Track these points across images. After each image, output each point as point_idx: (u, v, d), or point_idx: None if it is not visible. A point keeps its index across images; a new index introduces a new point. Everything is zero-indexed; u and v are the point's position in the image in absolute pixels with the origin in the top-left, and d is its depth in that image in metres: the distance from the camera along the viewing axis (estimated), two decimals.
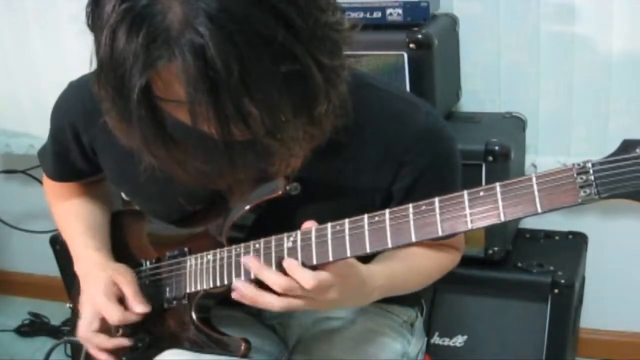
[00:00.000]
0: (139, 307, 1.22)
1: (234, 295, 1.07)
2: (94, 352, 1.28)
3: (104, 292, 1.23)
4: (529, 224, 2.04)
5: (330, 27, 0.90)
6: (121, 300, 1.24)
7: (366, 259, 1.12)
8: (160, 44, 0.83)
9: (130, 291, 1.24)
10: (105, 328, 1.26)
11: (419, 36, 1.68)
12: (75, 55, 2.25)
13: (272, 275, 1.03)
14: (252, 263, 1.05)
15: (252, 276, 1.06)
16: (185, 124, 0.88)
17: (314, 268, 1.02)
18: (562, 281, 1.80)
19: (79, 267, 1.34)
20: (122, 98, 0.87)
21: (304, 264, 1.02)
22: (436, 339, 1.97)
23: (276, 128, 0.88)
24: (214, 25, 0.81)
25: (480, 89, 2.00)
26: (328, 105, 0.92)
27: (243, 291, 1.05)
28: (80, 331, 1.27)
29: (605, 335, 2.21)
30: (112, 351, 1.27)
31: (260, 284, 1.05)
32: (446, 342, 1.97)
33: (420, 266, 1.24)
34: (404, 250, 1.22)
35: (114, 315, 1.21)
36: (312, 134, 0.94)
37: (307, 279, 0.99)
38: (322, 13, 0.89)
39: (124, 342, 1.26)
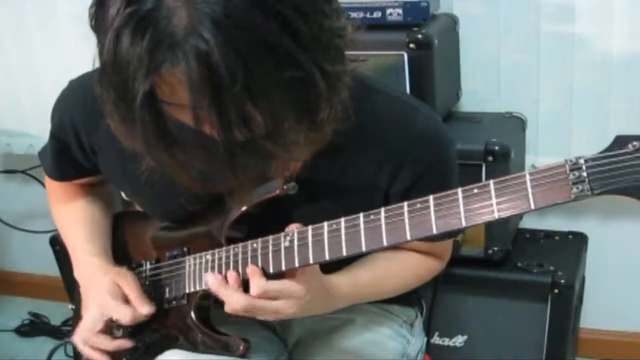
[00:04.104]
0: (144, 308, 1.22)
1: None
2: (91, 354, 1.26)
3: (111, 294, 1.23)
4: (529, 224, 2.04)
5: (334, 33, 0.90)
6: (126, 302, 1.24)
7: (333, 269, 1.15)
8: (164, 49, 0.82)
9: (133, 293, 1.24)
10: (106, 330, 1.26)
11: (419, 36, 1.68)
12: (75, 55, 2.25)
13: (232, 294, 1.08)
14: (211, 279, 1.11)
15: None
16: (187, 126, 0.87)
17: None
18: (562, 281, 1.80)
19: (79, 273, 1.34)
20: (125, 102, 0.86)
21: (300, 264, 1.03)
22: (436, 339, 1.97)
23: (278, 133, 0.88)
24: (218, 31, 0.80)
25: (480, 89, 2.00)
26: (330, 111, 0.91)
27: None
28: (81, 332, 1.26)
29: (605, 335, 2.20)
30: (111, 354, 1.26)
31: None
32: (446, 342, 1.97)
33: (394, 274, 1.25)
34: (377, 258, 1.24)
35: (126, 315, 1.21)
36: (313, 139, 0.94)
37: (254, 288, 1.05)
38: (326, 19, 0.88)
39: (126, 343, 1.25)
